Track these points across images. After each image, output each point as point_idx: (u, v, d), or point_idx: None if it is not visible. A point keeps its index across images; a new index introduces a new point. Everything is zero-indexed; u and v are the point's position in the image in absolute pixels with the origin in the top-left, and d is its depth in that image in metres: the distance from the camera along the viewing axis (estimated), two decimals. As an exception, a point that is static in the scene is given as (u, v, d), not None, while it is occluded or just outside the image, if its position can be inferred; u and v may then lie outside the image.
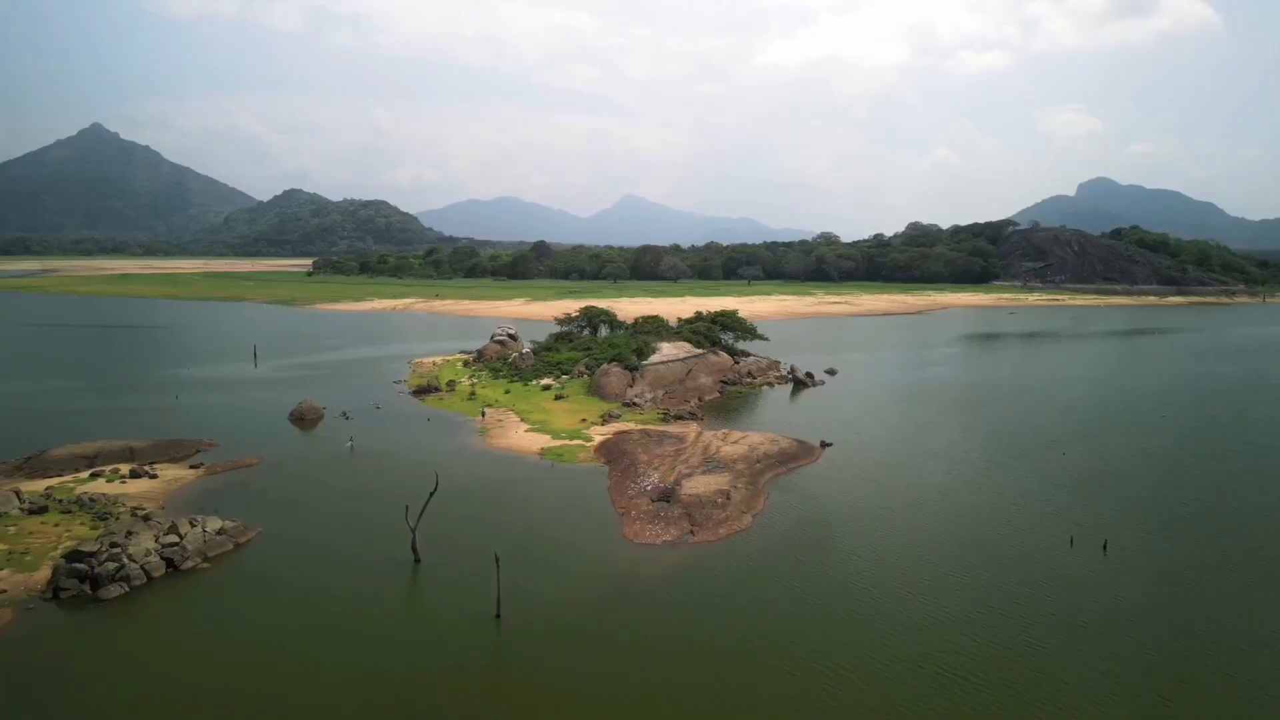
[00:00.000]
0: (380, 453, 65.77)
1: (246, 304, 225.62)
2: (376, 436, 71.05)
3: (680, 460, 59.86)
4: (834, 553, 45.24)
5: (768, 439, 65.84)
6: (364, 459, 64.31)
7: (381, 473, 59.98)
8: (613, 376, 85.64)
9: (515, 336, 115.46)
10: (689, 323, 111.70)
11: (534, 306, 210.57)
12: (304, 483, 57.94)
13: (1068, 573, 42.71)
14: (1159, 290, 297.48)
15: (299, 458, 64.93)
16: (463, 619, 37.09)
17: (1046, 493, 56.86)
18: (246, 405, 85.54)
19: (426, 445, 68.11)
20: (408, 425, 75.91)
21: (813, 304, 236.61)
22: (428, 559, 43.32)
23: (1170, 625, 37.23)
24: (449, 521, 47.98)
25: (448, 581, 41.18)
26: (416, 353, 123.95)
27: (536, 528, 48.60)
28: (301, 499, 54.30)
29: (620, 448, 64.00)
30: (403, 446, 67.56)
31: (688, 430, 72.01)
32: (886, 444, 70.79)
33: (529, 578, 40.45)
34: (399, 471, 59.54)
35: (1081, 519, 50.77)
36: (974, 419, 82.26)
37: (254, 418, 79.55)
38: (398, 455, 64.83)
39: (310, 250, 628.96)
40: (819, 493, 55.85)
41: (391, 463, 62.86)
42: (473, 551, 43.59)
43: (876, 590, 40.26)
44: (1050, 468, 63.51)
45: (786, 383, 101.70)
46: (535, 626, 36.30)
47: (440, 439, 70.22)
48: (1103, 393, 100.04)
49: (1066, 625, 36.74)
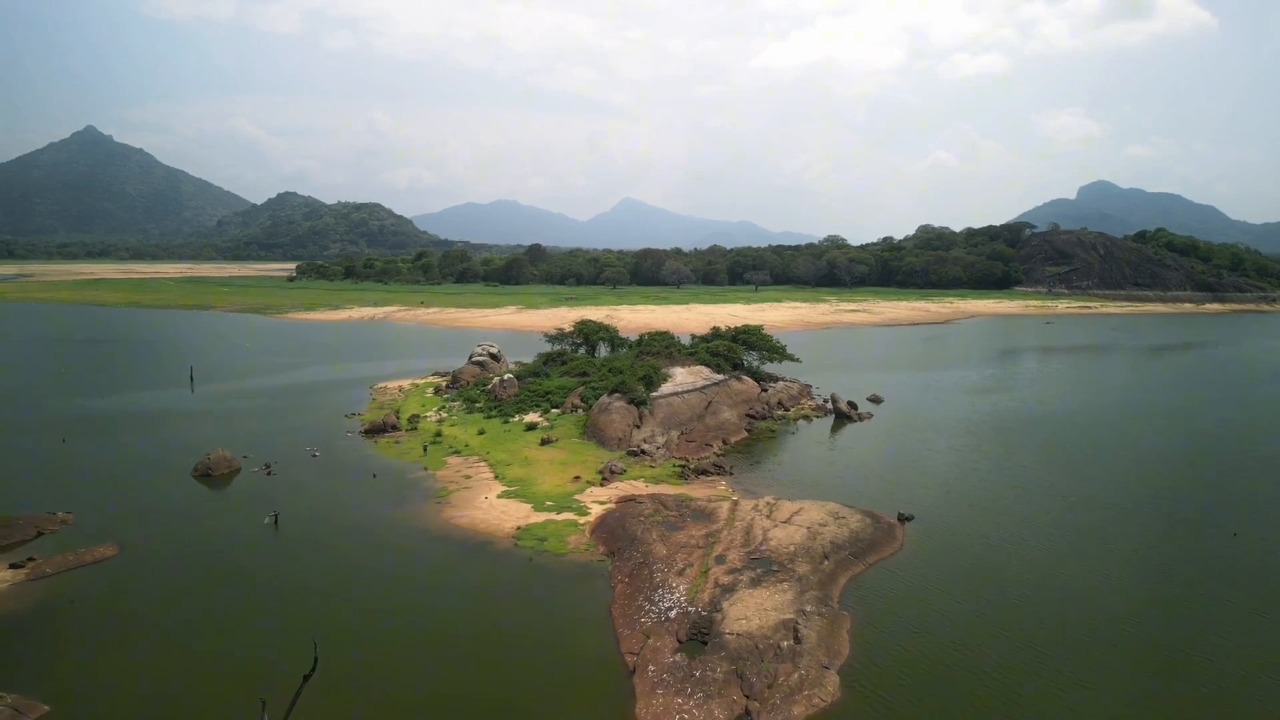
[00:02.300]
0: (291, 536, 47.51)
1: (213, 313, 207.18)
2: (299, 503, 52.85)
3: (713, 554, 41.72)
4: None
5: (828, 512, 47.76)
6: (263, 552, 46.05)
7: (281, 577, 41.80)
8: (615, 414, 67.43)
9: (498, 356, 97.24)
10: (705, 340, 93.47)
11: (525, 316, 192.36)
12: (162, 596, 39.68)
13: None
14: (1194, 297, 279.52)
15: (178, 542, 46.55)
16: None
17: (1254, 604, 38.73)
18: (150, 452, 67.22)
19: (362, 518, 49.94)
20: (345, 484, 57.70)
21: (829, 312, 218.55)
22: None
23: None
24: (356, 687, 29.90)
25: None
26: (384, 374, 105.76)
27: (497, 702, 30.45)
28: (151, 629, 36.12)
29: (627, 529, 45.81)
30: (325, 523, 49.28)
31: (716, 494, 53.91)
32: (984, 512, 52.62)
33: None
34: (304, 572, 41.54)
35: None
36: (1080, 468, 64.16)
37: (152, 470, 61.37)
38: (314, 540, 46.60)
39: (301, 254, 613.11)
40: (920, 612, 37.68)
41: (299, 559, 44.65)
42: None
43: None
44: (1233, 562, 45.36)
45: (825, 415, 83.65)
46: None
47: (382, 508, 51.97)
48: (1208, 427, 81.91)
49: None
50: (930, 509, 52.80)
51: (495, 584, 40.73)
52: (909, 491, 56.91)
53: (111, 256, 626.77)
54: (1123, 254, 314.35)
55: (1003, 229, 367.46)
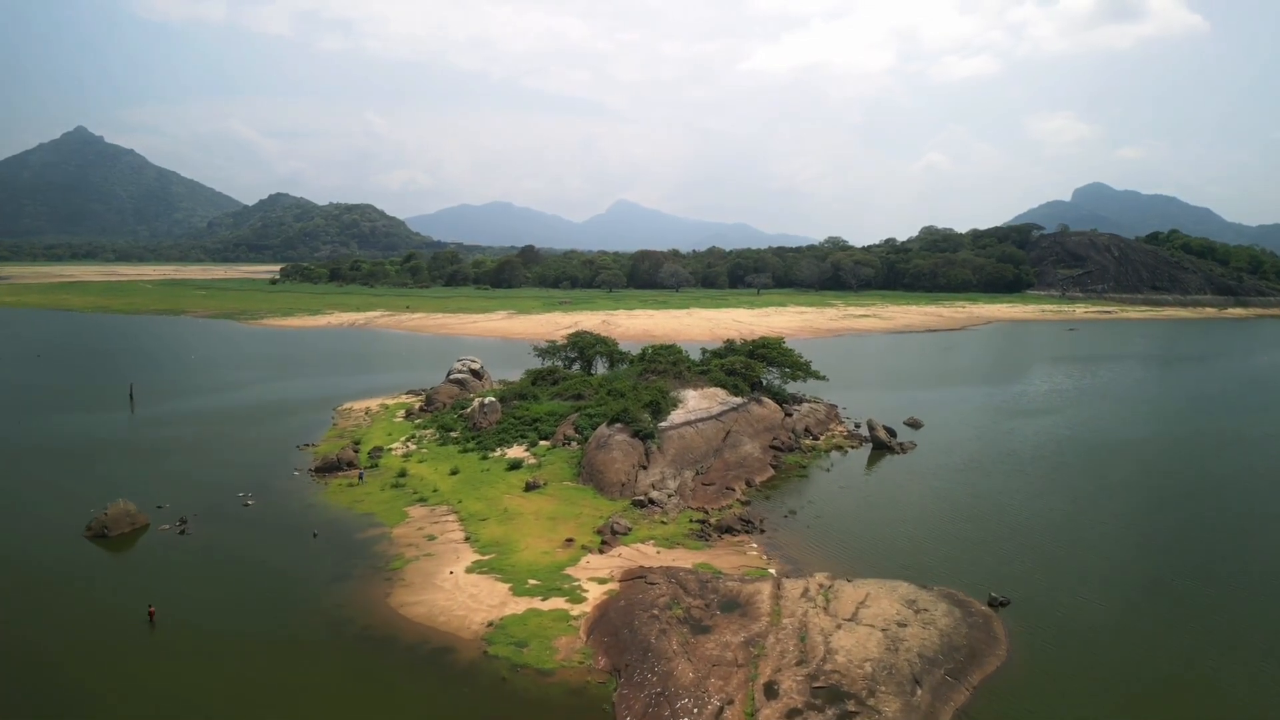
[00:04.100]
0: (167, 641, 35.25)
1: (185, 318, 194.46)
2: (200, 581, 40.73)
3: (760, 679, 29.76)
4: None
5: (902, 599, 35.90)
6: (121, 667, 33.88)
7: (130, 712, 29.64)
8: (616, 451, 55.35)
9: (480, 373, 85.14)
10: (718, 356, 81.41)
11: (516, 322, 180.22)
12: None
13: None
14: (1215, 301, 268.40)
15: (8, 642, 34.34)
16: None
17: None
18: (45, 498, 54.90)
19: (280, 607, 37.72)
20: (274, 547, 45.50)
21: (837, 317, 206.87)
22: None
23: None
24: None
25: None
26: (353, 391, 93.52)
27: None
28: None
29: (635, 630, 33.76)
30: (224, 617, 36.88)
31: (747, 564, 41.98)
32: (1096, 586, 40.68)
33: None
34: (167, 702, 29.43)
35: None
36: (1194, 517, 52.39)
37: (36, 525, 49.12)
38: (200, 647, 34.23)
39: (292, 256, 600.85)
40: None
41: (166, 679, 32.42)
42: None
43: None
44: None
45: (859, 444, 71.79)
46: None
47: (313, 588, 39.77)
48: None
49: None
50: (1023, 582, 40.94)
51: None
52: (986, 555, 45.09)
53: (97, 258, 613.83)
54: (1138, 256, 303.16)
55: (1010, 230, 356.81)
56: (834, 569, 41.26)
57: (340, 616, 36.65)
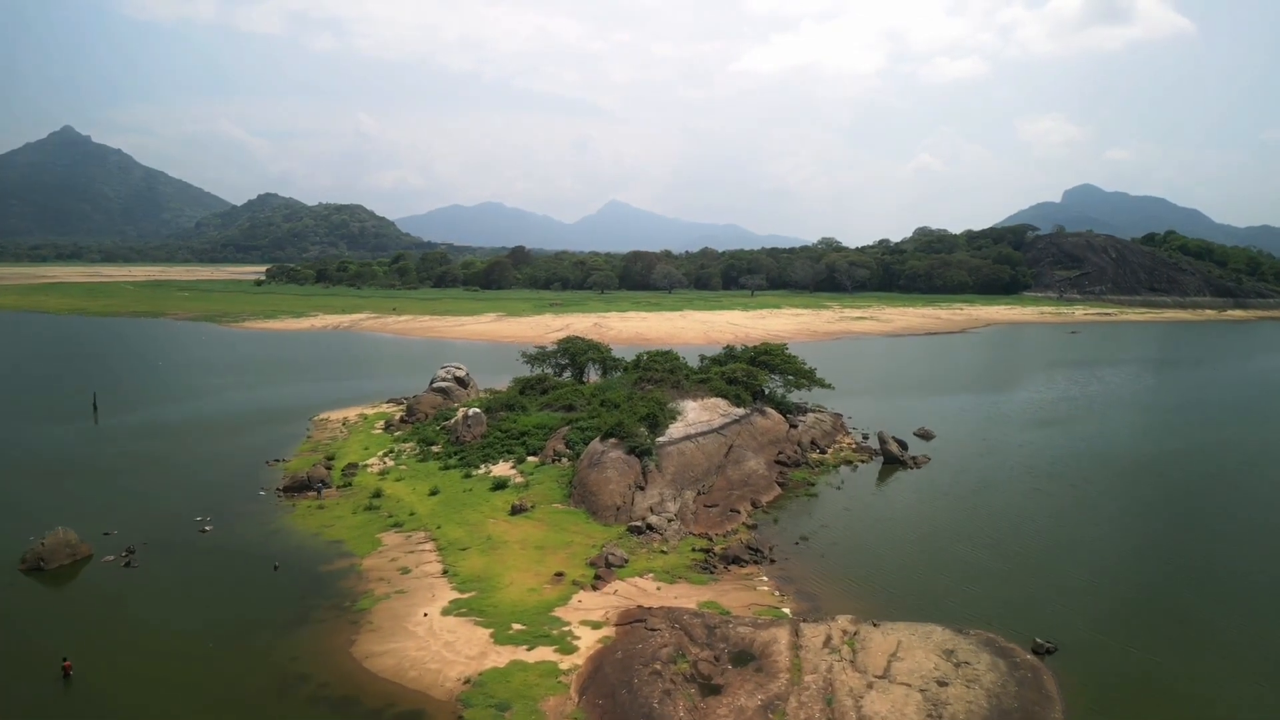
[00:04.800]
0: (82, 707, 30.44)
1: (164, 320, 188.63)
2: (143, 625, 35.90)
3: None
4: None
5: (938, 649, 31.46)
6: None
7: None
8: (610, 470, 50.71)
9: (465, 381, 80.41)
10: (717, 363, 76.81)
11: (506, 324, 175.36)
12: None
13: None
14: (1214, 302, 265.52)
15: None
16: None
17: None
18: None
19: (225, 659, 32.93)
20: (230, 582, 40.67)
21: (834, 320, 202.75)
22: None
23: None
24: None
25: None
26: (332, 399, 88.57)
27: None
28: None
29: (635, 693, 29.13)
30: (159, 669, 32.13)
31: (758, 602, 37.44)
32: (1151, 627, 36.29)
33: None
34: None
35: None
36: (1240, 534, 48.16)
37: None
38: (125, 711, 29.54)
39: (280, 256, 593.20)
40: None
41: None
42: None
43: None
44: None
45: (869, 457, 67.36)
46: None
47: (270, 637, 35.00)
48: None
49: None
50: (1062, 623, 36.52)
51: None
52: (1015, 591, 40.66)
53: (82, 259, 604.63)
54: (1136, 257, 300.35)
55: (1005, 231, 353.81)
56: (855, 607, 36.78)
57: (294, 671, 31.88)
